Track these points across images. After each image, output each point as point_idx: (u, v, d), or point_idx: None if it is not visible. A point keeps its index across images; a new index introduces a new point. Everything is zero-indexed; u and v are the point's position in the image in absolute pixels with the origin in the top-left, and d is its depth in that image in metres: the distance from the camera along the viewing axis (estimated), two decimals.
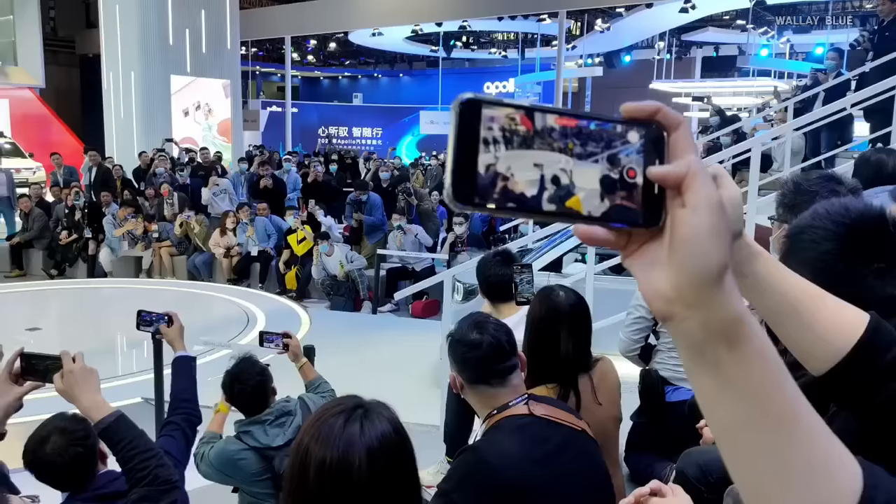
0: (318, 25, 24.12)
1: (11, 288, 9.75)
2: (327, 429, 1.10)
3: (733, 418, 0.57)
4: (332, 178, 13.31)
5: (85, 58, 25.81)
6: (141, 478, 1.76)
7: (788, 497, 0.57)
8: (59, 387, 1.77)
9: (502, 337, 1.87)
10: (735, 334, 0.54)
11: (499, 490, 1.67)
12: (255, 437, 2.72)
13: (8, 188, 11.62)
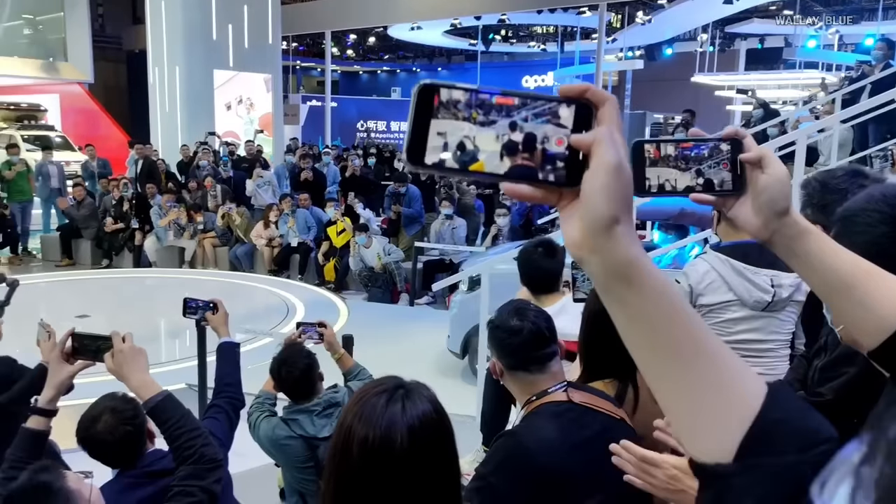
0: (358, 20, 24.26)
1: (62, 277, 10.07)
2: (369, 408, 1.13)
3: (641, 347, 0.67)
4: (371, 171, 13.40)
5: (131, 53, 26.40)
6: (187, 456, 1.82)
7: (696, 413, 0.66)
8: (110, 366, 1.83)
9: (542, 324, 1.88)
10: (628, 275, 0.64)
11: (536, 475, 1.68)
12: (301, 425, 2.76)
13: (59, 180, 11.97)
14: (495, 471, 1.69)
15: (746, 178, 0.84)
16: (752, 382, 0.67)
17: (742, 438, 0.63)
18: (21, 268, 10.48)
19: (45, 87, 23.38)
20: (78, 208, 10.69)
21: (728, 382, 0.66)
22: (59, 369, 1.86)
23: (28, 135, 19.10)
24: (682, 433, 0.68)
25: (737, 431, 0.64)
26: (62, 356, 1.87)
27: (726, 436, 0.64)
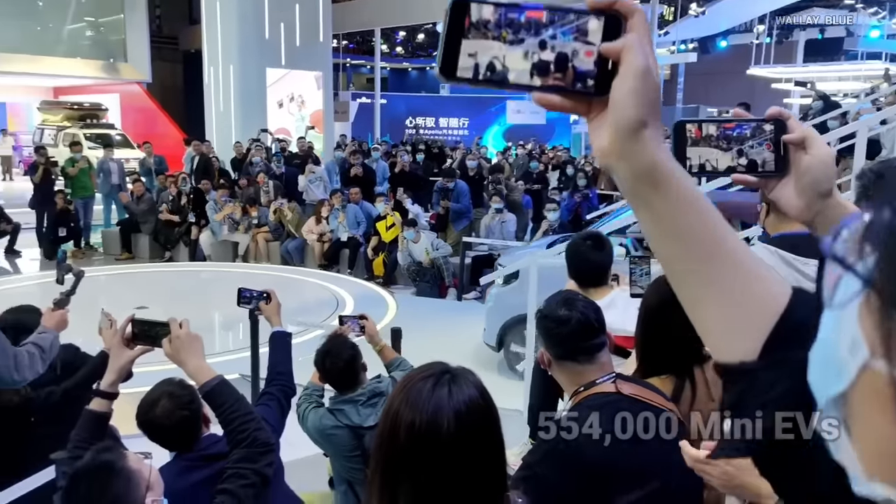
0: (408, 17, 24.37)
1: (121, 270, 10.41)
2: (416, 393, 1.14)
3: (669, 252, 0.68)
4: (419, 167, 13.47)
5: (188, 53, 27.07)
6: (241, 439, 1.87)
7: (722, 314, 0.67)
8: (168, 351, 1.89)
9: (591, 314, 1.87)
10: (655, 179, 0.65)
11: (582, 466, 1.68)
12: (347, 415, 2.80)
13: (119, 176, 12.37)
14: (542, 460, 1.70)
15: (789, 159, 0.83)
16: (777, 284, 0.68)
17: (768, 335, 0.64)
18: (83, 261, 10.86)
19: (106, 87, 24.17)
20: (137, 203, 11.03)
21: (754, 282, 0.67)
22: (120, 354, 1.93)
23: (90, 133, 19.79)
24: (709, 337, 0.69)
25: (763, 329, 0.65)
26: (123, 342, 1.93)
27: (752, 334, 0.65)
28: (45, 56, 22.03)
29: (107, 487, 1.58)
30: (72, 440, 1.88)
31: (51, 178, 11.34)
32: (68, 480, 1.62)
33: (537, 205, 11.26)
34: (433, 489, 1.13)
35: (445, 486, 1.13)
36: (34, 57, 21.66)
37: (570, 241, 3.14)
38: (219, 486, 1.80)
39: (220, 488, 1.80)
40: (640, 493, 1.69)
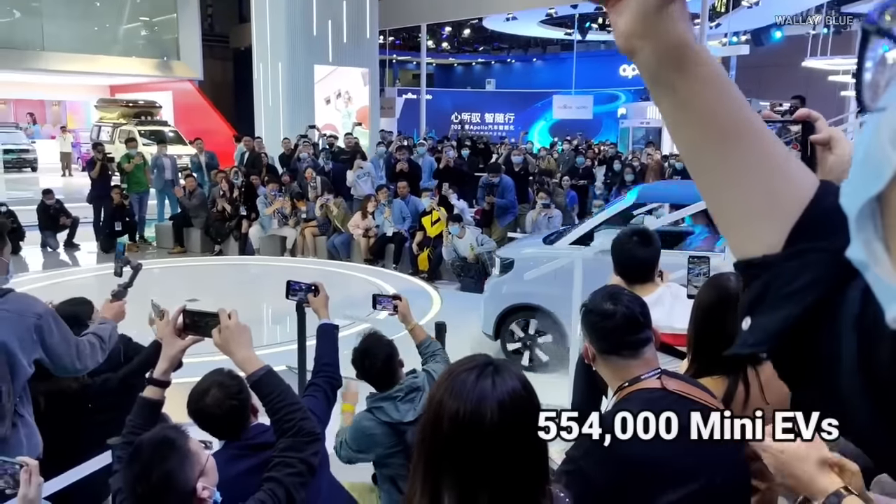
0: (454, 12, 24.36)
1: (174, 263, 10.69)
2: (460, 383, 1.15)
3: (693, 136, 0.65)
4: (464, 162, 13.48)
5: (238, 51, 27.59)
6: (287, 428, 1.90)
7: (746, 202, 0.64)
8: (217, 340, 1.93)
9: (636, 309, 1.85)
10: (681, 57, 0.63)
11: (625, 462, 1.67)
12: (386, 412, 2.82)
13: (172, 172, 12.69)
14: (586, 455, 1.69)
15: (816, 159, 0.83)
16: (804, 172, 0.65)
17: (794, 225, 0.62)
18: (137, 254, 11.18)
19: (160, 85, 24.82)
20: (189, 198, 11.31)
21: (780, 169, 0.64)
22: (172, 344, 1.98)
23: (144, 130, 20.35)
24: (731, 230, 0.67)
25: (788, 219, 0.62)
26: (174, 332, 1.98)
27: (777, 225, 0.63)
28: (102, 55, 22.72)
29: (164, 460, 1.66)
30: (126, 426, 1.95)
31: (107, 173, 11.70)
32: (133, 448, 1.70)
33: (583, 201, 11.17)
34: (475, 479, 1.14)
35: (488, 475, 1.14)
36: (92, 56, 22.36)
37: (616, 237, 3.10)
38: (265, 475, 1.84)
39: (267, 476, 1.84)
40: (684, 491, 1.67)
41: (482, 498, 1.14)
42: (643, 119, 23.33)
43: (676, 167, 12.40)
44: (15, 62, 20.71)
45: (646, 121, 23.12)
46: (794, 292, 0.60)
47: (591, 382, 3.58)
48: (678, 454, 1.69)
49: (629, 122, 24.46)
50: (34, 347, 2.47)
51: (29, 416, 2.52)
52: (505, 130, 31.54)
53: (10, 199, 11.87)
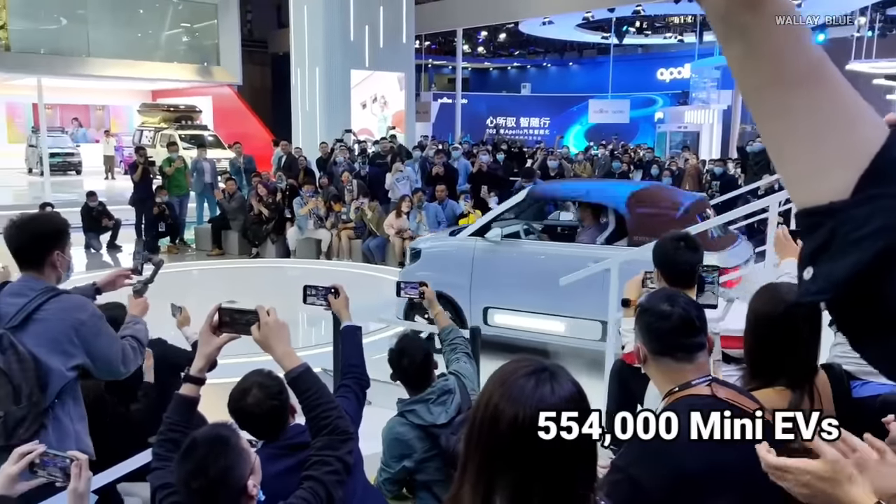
0: (490, 16, 24.38)
1: (212, 265, 10.88)
2: (518, 389, 1.16)
3: (763, 82, 0.63)
4: (500, 167, 13.47)
5: (276, 56, 27.98)
6: (323, 426, 1.92)
7: (814, 148, 0.62)
8: (257, 336, 1.93)
9: (693, 312, 1.84)
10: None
11: (674, 469, 1.65)
12: (419, 415, 2.83)
13: (212, 175, 12.92)
14: (633, 463, 1.67)
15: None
16: (875, 119, 0.63)
17: (863, 172, 0.60)
18: (177, 256, 11.41)
19: (200, 90, 25.29)
20: (229, 201, 11.50)
21: (851, 115, 0.62)
22: (208, 342, 1.99)
23: (185, 134, 20.75)
24: (796, 177, 0.64)
25: (857, 166, 0.60)
26: (210, 329, 1.99)
27: (845, 172, 0.61)
28: (145, 61, 23.23)
29: (220, 456, 1.70)
30: (164, 423, 1.98)
31: (149, 177, 11.95)
32: (186, 445, 1.73)
33: None
34: (530, 481, 1.15)
35: (542, 478, 1.15)
36: (135, 62, 22.88)
37: (660, 242, 3.08)
38: (304, 473, 1.86)
39: (306, 475, 1.85)
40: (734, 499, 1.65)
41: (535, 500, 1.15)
42: (681, 123, 23.04)
43: (715, 172, 12.22)
44: (62, 68, 21.29)
45: (683, 125, 22.84)
46: (863, 238, 0.58)
47: (625, 389, 3.56)
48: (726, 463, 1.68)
49: (666, 126, 24.18)
50: (75, 351, 2.47)
51: (68, 420, 2.51)
52: (540, 134, 31.42)
53: (55, 200, 12.18)
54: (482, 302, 6.10)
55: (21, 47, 21.16)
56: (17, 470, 1.76)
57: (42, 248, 2.51)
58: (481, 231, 6.18)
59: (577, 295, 5.45)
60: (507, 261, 6.05)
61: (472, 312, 6.12)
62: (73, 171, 22.77)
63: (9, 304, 2.43)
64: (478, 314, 6.09)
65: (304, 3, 16.52)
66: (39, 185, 18.69)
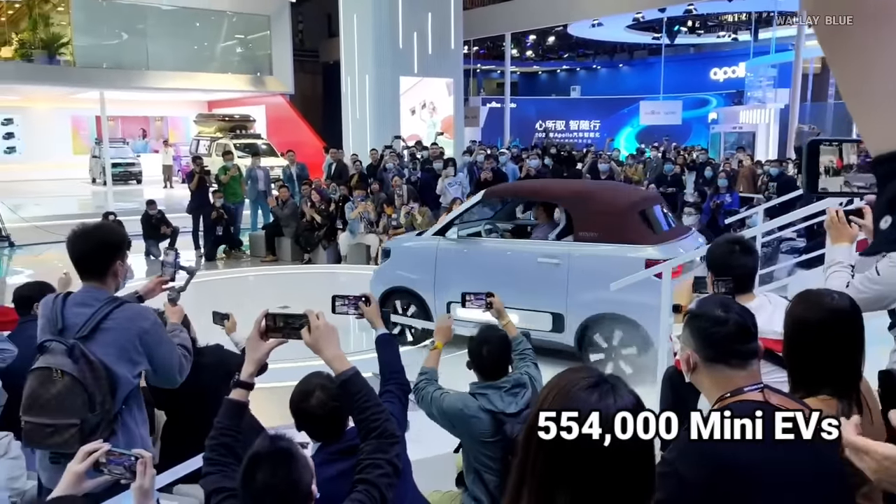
0: (539, 20, 24.30)
1: (266, 271, 11.10)
2: (581, 402, 1.15)
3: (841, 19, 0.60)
4: (548, 171, 13.40)
5: (326, 65, 28.45)
6: (373, 429, 1.94)
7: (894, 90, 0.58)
8: (307, 339, 1.97)
9: (748, 319, 1.82)
10: None
11: (720, 467, 1.63)
12: (491, 400, 2.87)
13: (265, 183, 13.20)
14: (680, 457, 1.66)
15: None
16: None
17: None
18: (233, 262, 11.69)
19: (254, 100, 25.88)
20: (282, 208, 11.73)
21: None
22: (256, 347, 2.02)
23: (239, 143, 21.26)
24: (873, 122, 0.61)
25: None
26: (259, 335, 2.02)
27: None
28: (201, 72, 23.92)
29: (287, 471, 1.72)
30: (215, 427, 2.01)
31: (205, 185, 12.27)
32: (246, 463, 1.75)
33: (672, 208, 10.89)
34: (593, 489, 1.15)
35: (606, 487, 1.14)
36: (191, 74, 23.57)
37: (714, 245, 3.02)
38: (357, 476, 1.88)
39: (359, 478, 1.88)
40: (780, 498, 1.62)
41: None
42: (735, 123, 22.51)
43: (771, 173, 11.91)
44: (123, 81, 22.07)
45: (738, 125, 22.30)
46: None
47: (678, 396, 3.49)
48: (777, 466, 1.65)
49: (720, 126, 23.65)
50: (139, 359, 2.55)
51: (135, 425, 2.59)
52: (590, 137, 31.13)
53: (117, 209, 12.62)
54: (445, 297, 6.38)
55: (85, 62, 22.03)
56: (84, 468, 1.82)
57: (105, 258, 2.58)
58: (443, 231, 6.60)
59: (529, 288, 5.90)
60: (467, 258, 6.45)
61: (437, 307, 6.49)
62: (133, 180, 23.56)
63: (75, 314, 2.51)
64: (442, 308, 6.42)
65: (354, 11, 16.76)
66: (102, 195, 19.39)
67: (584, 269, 5.75)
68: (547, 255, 5.91)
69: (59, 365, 2.40)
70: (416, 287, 6.63)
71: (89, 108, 24.59)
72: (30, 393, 2.41)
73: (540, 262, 5.93)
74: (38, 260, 11.72)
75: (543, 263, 5.93)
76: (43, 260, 11.62)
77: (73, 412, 2.39)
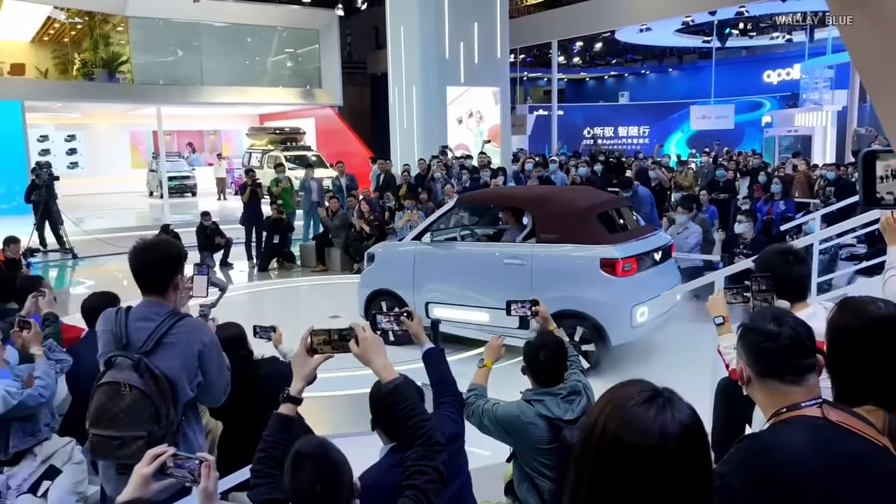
0: (585, 27, 24.15)
1: (316, 281, 11.27)
2: (639, 418, 1.14)
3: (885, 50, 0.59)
4: (597, 178, 13.28)
5: (374, 76, 28.78)
6: (419, 435, 1.99)
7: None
8: (356, 351, 2.03)
9: (803, 333, 1.76)
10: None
11: (778, 483, 1.59)
12: (548, 406, 2.87)
13: (318, 194, 13.41)
14: (733, 471, 1.63)
15: None
16: None
17: None
18: (285, 273, 11.90)
19: (303, 112, 26.36)
20: (332, 219, 11.90)
21: None
22: (304, 363, 2.08)
23: (290, 155, 21.66)
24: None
25: None
26: (305, 351, 2.08)
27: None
28: (253, 87, 24.49)
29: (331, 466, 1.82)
30: (263, 440, 2.08)
31: (257, 197, 12.55)
32: (291, 460, 1.83)
33: (723, 215, 10.67)
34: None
35: (664, 501, 1.13)
36: (243, 88, 24.16)
37: (766, 256, 2.96)
38: (405, 483, 1.93)
39: (406, 484, 1.92)
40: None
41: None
42: (790, 127, 21.93)
43: (828, 178, 11.57)
44: (178, 97, 22.75)
45: (793, 129, 21.72)
46: None
47: (732, 409, 3.43)
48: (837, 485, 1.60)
49: (775, 130, 23.07)
50: (196, 373, 2.63)
51: (194, 435, 2.67)
52: (639, 144, 30.74)
53: (172, 221, 13.00)
54: (424, 298, 6.88)
55: (142, 79, 22.80)
56: (151, 470, 1.89)
57: (166, 273, 2.66)
58: (420, 235, 7.07)
59: (497, 288, 6.25)
60: (442, 260, 6.90)
61: (417, 307, 6.79)
62: (188, 193, 24.20)
63: (138, 328, 2.59)
64: (421, 308, 6.80)
65: (401, 23, 16.94)
66: (159, 207, 19.99)
67: (545, 268, 6.17)
68: (512, 257, 6.36)
69: (126, 380, 2.48)
70: (397, 288, 7.08)
71: (146, 123, 25.44)
72: (98, 406, 2.50)
73: (506, 263, 6.37)
74: (99, 271, 12.14)
75: (509, 264, 6.35)
76: (104, 271, 12.04)
77: (141, 425, 2.47)
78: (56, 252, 13.14)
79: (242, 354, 3.60)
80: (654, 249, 6.31)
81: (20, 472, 3.27)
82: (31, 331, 3.42)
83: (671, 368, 5.79)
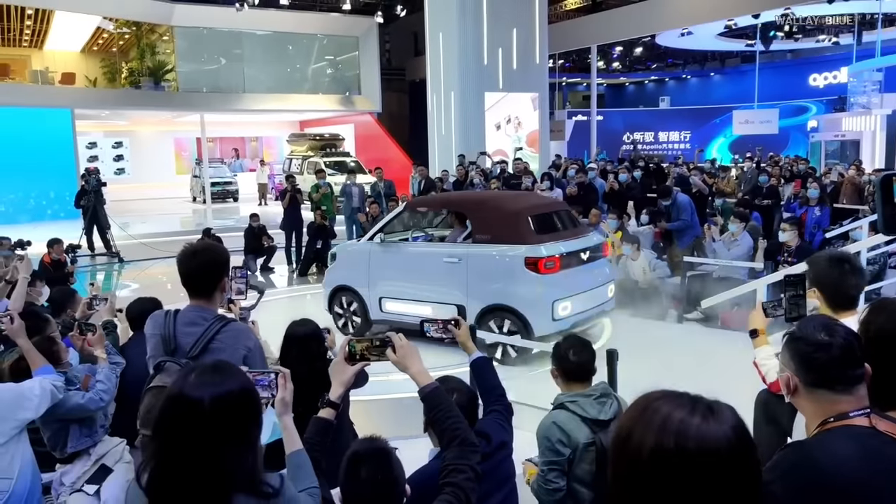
0: (625, 31, 23.98)
1: None
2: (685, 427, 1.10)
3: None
4: (637, 184, 13.15)
5: (413, 83, 28.98)
6: (454, 437, 2.06)
7: None
8: (394, 358, 2.12)
9: (854, 342, 1.74)
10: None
11: (823, 491, 1.57)
12: (583, 407, 2.86)
13: (359, 199, 13.55)
14: (779, 479, 1.61)
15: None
16: None
17: None
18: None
19: (343, 119, 26.67)
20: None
21: None
22: (342, 370, 2.19)
23: (330, 161, 21.92)
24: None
25: None
26: (344, 359, 2.18)
27: None
28: (293, 94, 24.87)
29: (388, 467, 1.95)
30: (305, 441, 2.15)
31: (298, 203, 12.72)
32: (349, 461, 1.95)
33: (767, 222, 10.47)
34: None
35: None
36: (284, 95, 24.56)
37: (820, 262, 2.88)
38: (443, 481, 1.99)
39: (445, 482, 1.99)
40: None
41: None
42: (837, 131, 21.42)
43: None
44: (221, 104, 23.22)
45: (841, 133, 21.21)
46: None
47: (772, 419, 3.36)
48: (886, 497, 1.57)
49: (821, 135, 22.56)
50: None
51: None
52: (680, 149, 30.34)
53: (214, 226, 13.25)
54: (377, 293, 7.51)
55: (187, 87, 23.34)
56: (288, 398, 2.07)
57: (213, 277, 2.72)
58: (373, 236, 7.65)
59: (438, 284, 6.98)
60: (392, 258, 7.52)
61: (371, 302, 7.57)
62: (230, 198, 24.63)
63: (186, 333, 2.66)
64: (375, 303, 7.54)
65: (439, 30, 17.04)
66: (202, 213, 20.40)
67: (478, 266, 6.78)
68: (450, 256, 6.97)
69: None
70: (355, 284, 7.71)
71: (190, 130, 26.00)
72: (149, 408, 2.57)
73: (445, 261, 6.98)
74: (144, 275, 12.44)
75: (448, 262, 6.93)
76: (148, 274, 12.33)
77: None
78: (103, 256, 13.51)
79: (319, 350, 3.59)
80: (582, 249, 6.81)
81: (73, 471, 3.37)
82: (96, 334, 3.55)
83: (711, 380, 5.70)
